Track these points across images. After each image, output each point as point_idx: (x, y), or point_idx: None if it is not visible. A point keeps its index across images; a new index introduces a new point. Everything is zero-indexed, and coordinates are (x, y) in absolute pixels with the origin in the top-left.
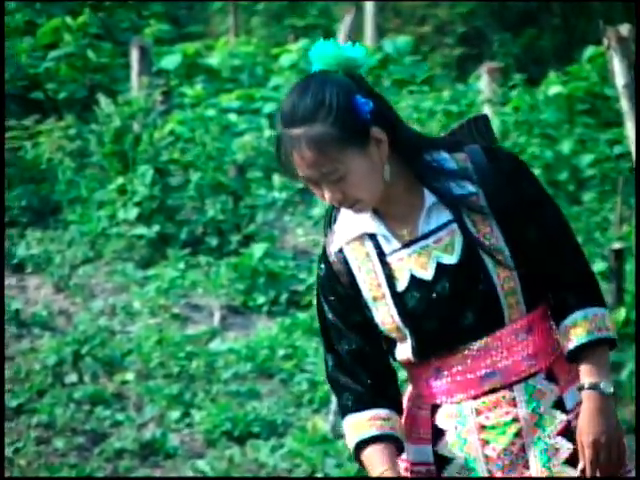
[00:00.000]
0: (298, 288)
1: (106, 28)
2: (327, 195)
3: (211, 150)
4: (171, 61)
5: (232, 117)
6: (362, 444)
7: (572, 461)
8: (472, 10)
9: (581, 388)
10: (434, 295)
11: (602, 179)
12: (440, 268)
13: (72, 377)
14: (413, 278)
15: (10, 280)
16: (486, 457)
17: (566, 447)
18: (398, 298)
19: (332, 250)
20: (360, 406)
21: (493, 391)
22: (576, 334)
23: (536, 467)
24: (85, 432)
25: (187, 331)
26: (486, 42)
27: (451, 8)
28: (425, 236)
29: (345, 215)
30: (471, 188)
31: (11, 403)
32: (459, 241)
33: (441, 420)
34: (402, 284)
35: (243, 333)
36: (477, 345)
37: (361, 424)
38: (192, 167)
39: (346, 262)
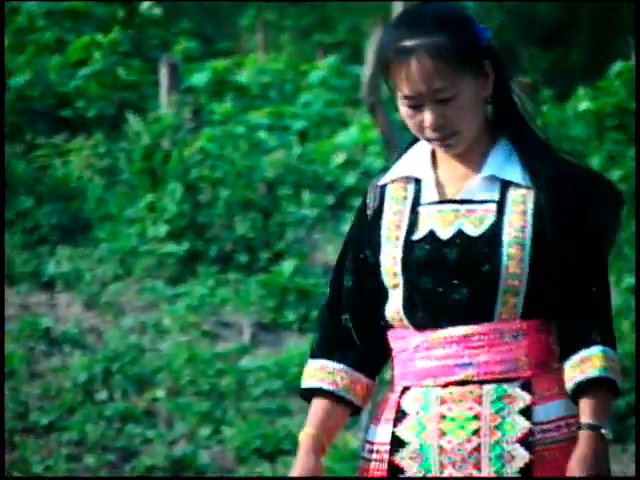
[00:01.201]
0: None
1: (135, 45)
2: (428, 118)
3: (240, 167)
4: (200, 78)
5: (261, 134)
6: (305, 391)
7: (526, 471)
8: (501, 25)
9: (580, 427)
10: (441, 254)
11: (631, 194)
12: (459, 234)
13: (102, 394)
14: (431, 233)
15: (40, 298)
16: (440, 448)
17: (522, 456)
18: (409, 244)
19: (375, 184)
20: (317, 353)
21: (463, 384)
22: (593, 366)
23: (487, 471)
24: (116, 449)
25: (217, 348)
26: (515, 57)
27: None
28: (463, 202)
29: (407, 157)
30: (528, 183)
31: (42, 421)
32: (489, 222)
33: (407, 402)
34: (419, 234)
35: (273, 350)
36: (460, 331)
37: (309, 371)
38: (221, 184)
39: (382, 198)
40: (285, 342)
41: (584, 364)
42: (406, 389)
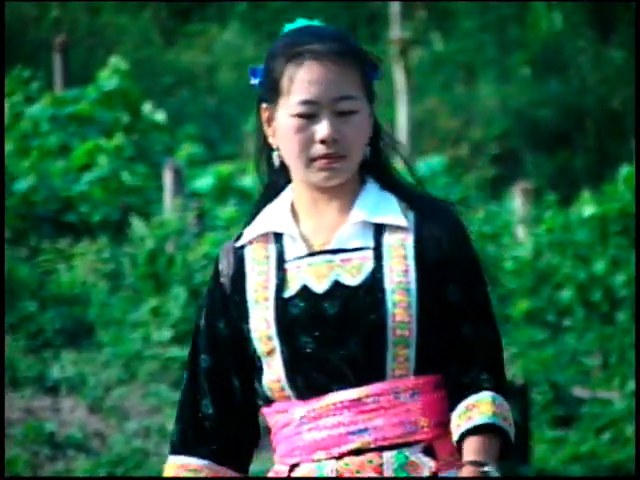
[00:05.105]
0: None
1: (140, 150)
2: (324, 128)
3: None
4: (204, 183)
5: None
6: None
7: None
8: (506, 131)
9: (461, 466)
10: (319, 309)
11: (635, 299)
12: (337, 286)
13: None
14: (304, 288)
15: (44, 402)
16: None
17: None
18: (281, 303)
19: (229, 248)
20: (178, 447)
21: (359, 452)
22: (481, 412)
23: None
24: None
25: None
26: (520, 162)
27: (485, 129)
28: (335, 251)
29: (263, 215)
30: (405, 224)
31: None
32: (368, 269)
33: None
34: (290, 291)
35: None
36: (352, 394)
37: (169, 470)
38: None
39: (241, 261)
40: None
41: (471, 411)
42: (294, 466)
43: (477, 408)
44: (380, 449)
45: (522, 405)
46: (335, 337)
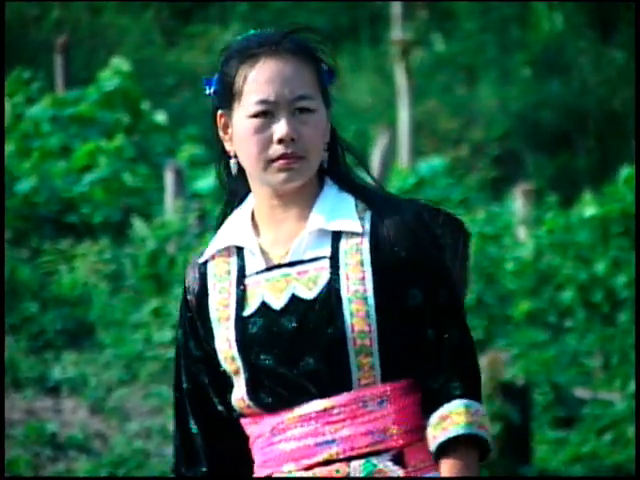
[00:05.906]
0: None
1: (141, 151)
2: (283, 127)
3: None
4: (205, 184)
5: None
6: None
7: None
8: (507, 132)
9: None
10: (278, 325)
11: (636, 300)
12: (294, 300)
13: None
14: (263, 304)
15: (46, 403)
16: None
17: None
18: (241, 322)
19: (194, 263)
20: (176, 470)
21: (328, 463)
22: (455, 423)
23: None
24: None
25: None
26: (521, 164)
27: (486, 130)
28: (293, 264)
29: (225, 228)
30: (360, 229)
31: None
32: (324, 280)
33: None
34: (250, 309)
35: None
36: (318, 405)
37: None
38: None
39: (204, 278)
40: None
41: (445, 422)
42: (268, 478)
43: (450, 418)
44: (348, 459)
45: (523, 406)
46: (294, 353)
